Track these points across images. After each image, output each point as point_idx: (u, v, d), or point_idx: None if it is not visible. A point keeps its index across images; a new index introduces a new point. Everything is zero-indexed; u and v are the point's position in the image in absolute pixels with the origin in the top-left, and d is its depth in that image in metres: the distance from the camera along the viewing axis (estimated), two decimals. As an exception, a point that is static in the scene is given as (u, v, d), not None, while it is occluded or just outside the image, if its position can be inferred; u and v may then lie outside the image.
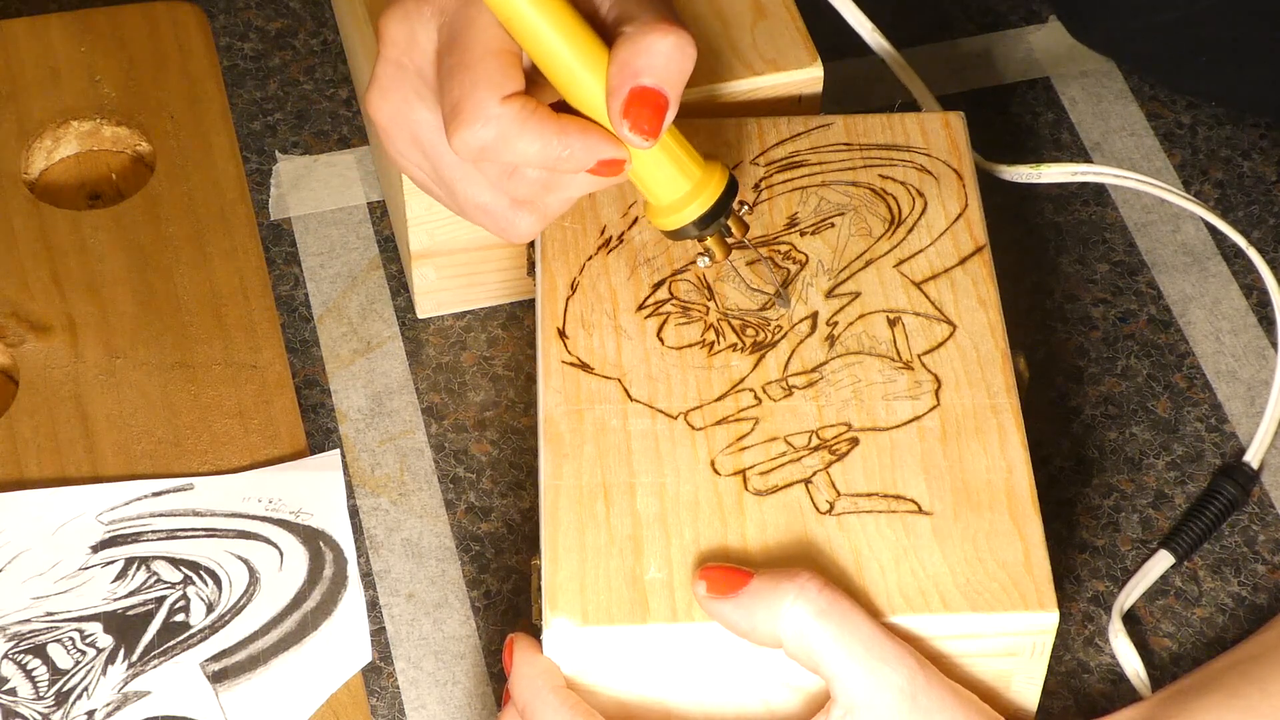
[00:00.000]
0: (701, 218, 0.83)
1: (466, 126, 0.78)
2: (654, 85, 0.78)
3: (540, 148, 0.79)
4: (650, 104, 0.78)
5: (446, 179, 0.83)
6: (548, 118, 0.79)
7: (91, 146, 1.04)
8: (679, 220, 0.83)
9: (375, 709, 0.87)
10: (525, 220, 0.83)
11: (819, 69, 0.95)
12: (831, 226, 0.89)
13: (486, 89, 0.78)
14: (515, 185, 0.81)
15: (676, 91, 0.79)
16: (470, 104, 0.78)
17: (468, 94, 0.78)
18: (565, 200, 0.83)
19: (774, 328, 0.86)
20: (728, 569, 0.78)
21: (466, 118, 0.78)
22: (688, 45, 0.78)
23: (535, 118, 0.79)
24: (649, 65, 0.78)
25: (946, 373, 0.85)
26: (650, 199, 0.83)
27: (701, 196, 0.83)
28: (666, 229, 0.84)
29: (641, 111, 0.78)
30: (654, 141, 0.79)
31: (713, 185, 0.83)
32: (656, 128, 0.78)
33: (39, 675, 0.86)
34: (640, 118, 0.78)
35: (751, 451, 0.83)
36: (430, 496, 0.93)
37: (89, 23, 1.07)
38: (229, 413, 0.94)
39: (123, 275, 0.98)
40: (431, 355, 0.98)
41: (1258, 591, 0.91)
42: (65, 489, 0.92)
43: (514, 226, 0.83)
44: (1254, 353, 0.98)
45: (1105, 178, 1.02)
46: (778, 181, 0.91)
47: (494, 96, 0.78)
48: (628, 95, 0.78)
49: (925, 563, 0.80)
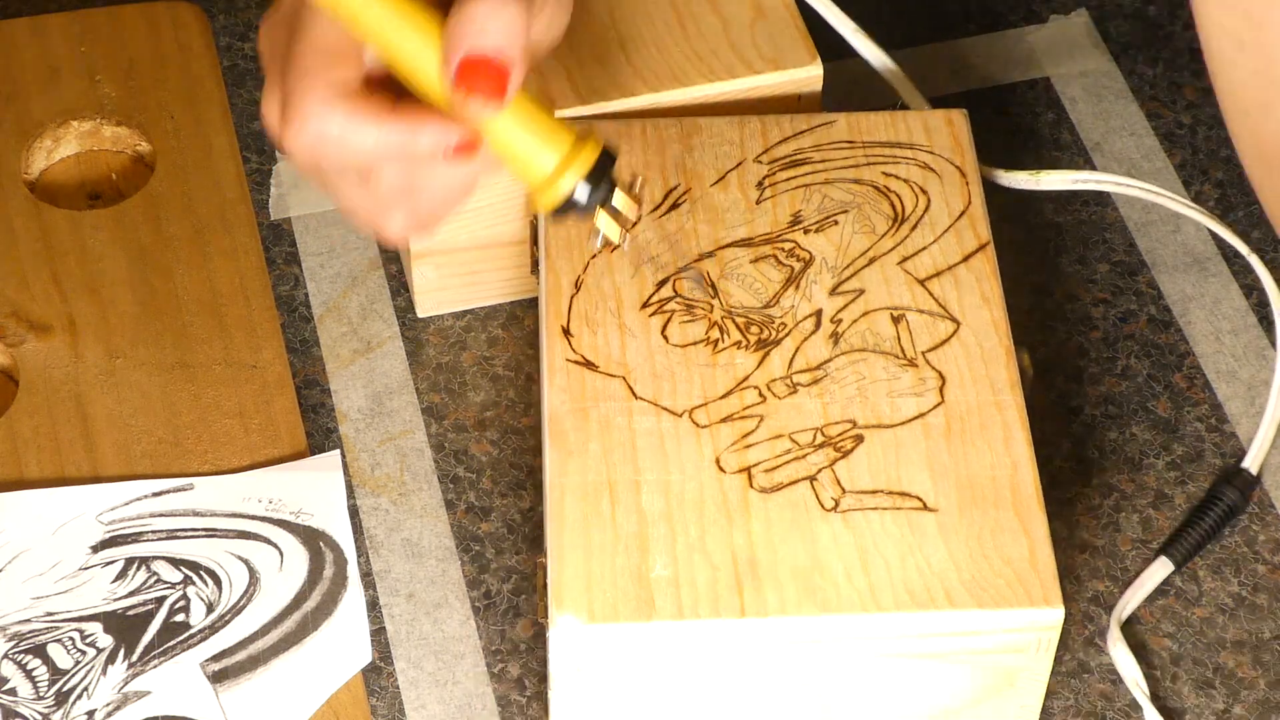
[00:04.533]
0: (575, 189, 0.77)
1: (290, 129, 0.75)
2: (486, 51, 0.74)
3: (376, 137, 0.75)
4: (484, 71, 0.74)
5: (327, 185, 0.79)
6: (381, 107, 0.75)
7: (91, 146, 1.04)
8: (552, 197, 0.78)
9: (375, 709, 0.87)
10: (396, 220, 0.79)
11: (819, 68, 0.95)
12: (835, 224, 0.89)
13: (309, 87, 0.75)
14: (375, 188, 0.78)
15: (514, 54, 0.74)
16: (293, 106, 0.75)
17: (292, 90, 0.75)
18: (439, 199, 0.78)
19: (778, 325, 0.86)
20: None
21: (290, 120, 0.75)
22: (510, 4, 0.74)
23: (365, 109, 0.75)
24: (476, 30, 0.74)
25: (950, 370, 0.85)
26: (522, 180, 0.78)
27: (573, 167, 0.77)
28: (546, 209, 0.78)
29: (476, 79, 0.74)
30: (498, 106, 0.74)
31: (583, 157, 0.77)
32: (497, 91, 0.74)
33: (39, 675, 0.86)
34: (476, 86, 0.74)
35: (756, 449, 0.83)
36: (430, 496, 0.93)
37: (89, 23, 1.07)
38: (229, 413, 0.94)
39: (123, 275, 0.98)
40: (431, 355, 0.98)
41: (1258, 591, 0.91)
42: (65, 489, 0.92)
43: (386, 227, 0.79)
44: (1254, 353, 0.98)
45: (1105, 185, 1.02)
46: (781, 179, 0.91)
47: (320, 93, 0.74)
48: (459, 65, 0.74)
49: (931, 559, 0.80)
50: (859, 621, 0.79)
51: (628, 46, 0.95)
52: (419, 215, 0.79)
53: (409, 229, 0.79)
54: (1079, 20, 1.11)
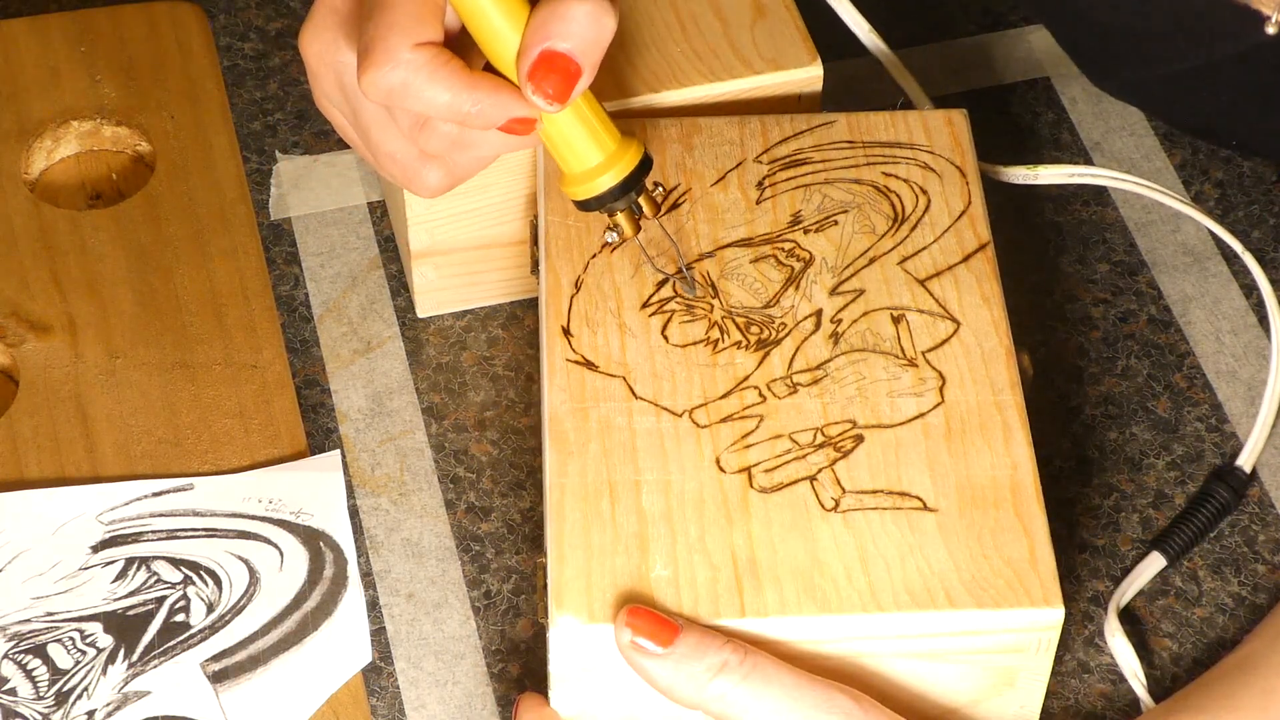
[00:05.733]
0: (610, 190, 0.83)
1: (375, 68, 0.78)
2: (565, 50, 0.78)
3: (449, 99, 0.79)
4: (559, 69, 0.78)
5: (363, 123, 0.83)
6: (459, 70, 0.79)
7: (91, 146, 1.04)
8: (588, 191, 0.84)
9: (375, 709, 0.87)
10: (434, 174, 0.83)
11: (819, 68, 0.95)
12: (835, 224, 0.89)
13: (400, 34, 0.78)
14: (426, 138, 0.81)
15: (590, 59, 0.78)
16: (381, 46, 0.78)
17: (381, 36, 0.78)
18: (477, 159, 0.83)
19: (778, 325, 0.86)
20: (656, 618, 0.77)
21: (376, 59, 0.78)
22: (605, 14, 0.78)
23: (446, 69, 0.78)
24: (563, 30, 0.78)
25: (950, 369, 0.85)
26: (562, 166, 0.84)
27: (614, 169, 0.83)
28: (575, 198, 0.84)
29: (549, 76, 0.78)
30: (560, 107, 0.79)
31: (626, 160, 0.83)
32: (564, 93, 0.78)
33: (39, 675, 0.86)
34: (547, 81, 0.78)
35: (756, 449, 0.83)
36: (430, 496, 0.93)
37: (89, 23, 1.07)
38: (229, 413, 0.94)
39: (123, 275, 0.98)
40: (431, 355, 0.98)
41: (1258, 591, 0.91)
42: (65, 489, 0.92)
43: (421, 179, 0.83)
44: (1254, 353, 0.98)
45: (1102, 180, 1.02)
46: (781, 179, 0.91)
47: (406, 42, 0.78)
48: (537, 57, 0.78)
49: (931, 559, 0.80)
50: (859, 622, 0.79)
51: (628, 46, 0.95)
52: (454, 173, 0.83)
53: (441, 185, 0.84)
54: (1079, 20, 1.11)
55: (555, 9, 0.78)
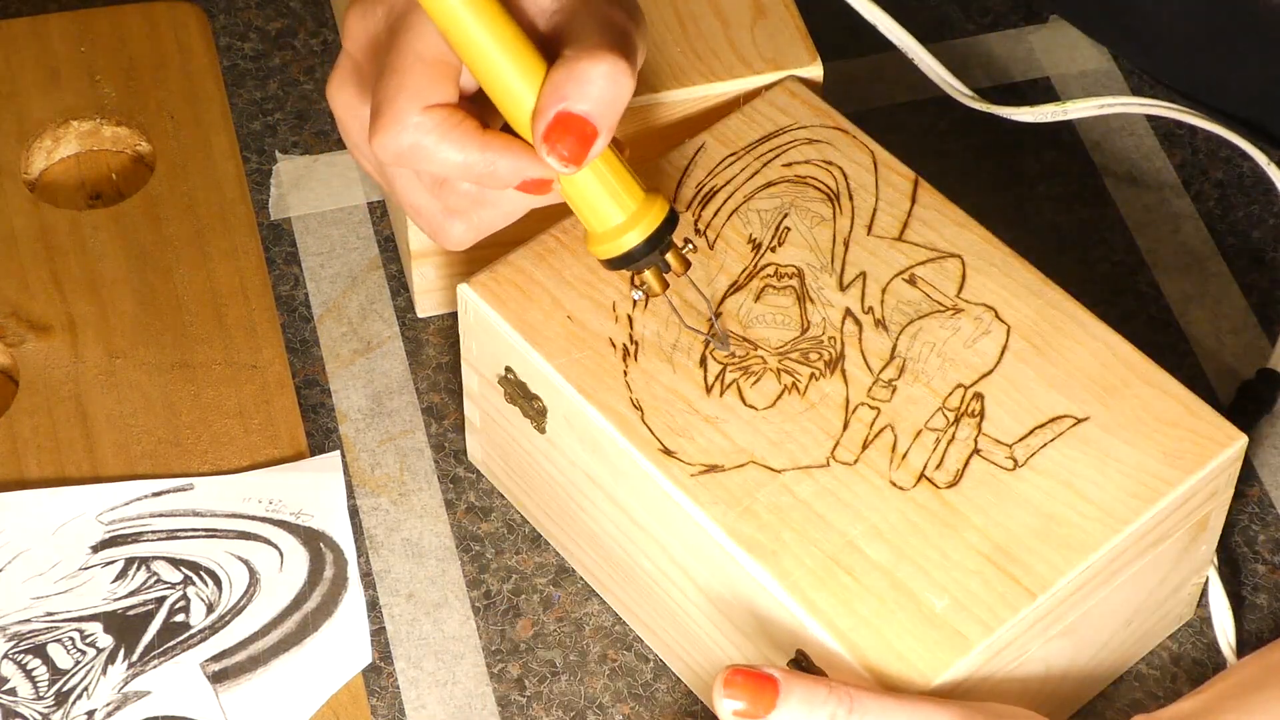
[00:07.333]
0: (636, 249, 0.82)
1: (384, 131, 0.78)
2: (583, 112, 0.77)
3: (462, 159, 0.78)
4: (575, 131, 0.77)
5: (388, 176, 0.82)
6: (472, 131, 0.78)
7: (91, 146, 1.04)
8: (612, 250, 0.82)
9: (375, 709, 0.87)
10: (458, 228, 0.82)
11: (819, 68, 0.95)
12: (789, 230, 0.89)
13: (409, 97, 0.78)
14: (447, 195, 0.81)
15: (608, 121, 0.77)
16: (390, 110, 0.78)
17: (389, 99, 0.78)
18: (501, 215, 0.82)
19: (829, 340, 0.85)
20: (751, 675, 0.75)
21: (384, 123, 0.78)
22: (623, 75, 0.77)
23: (458, 130, 0.78)
24: (580, 92, 0.77)
25: (990, 297, 0.86)
26: (585, 224, 0.82)
27: (638, 227, 0.81)
28: (600, 257, 0.83)
29: (565, 138, 0.77)
30: (576, 169, 0.78)
31: (650, 217, 0.82)
32: (579, 155, 0.77)
33: (39, 675, 0.86)
34: (563, 143, 0.77)
35: (912, 454, 0.82)
36: (430, 496, 0.93)
37: (89, 23, 1.07)
38: (229, 413, 0.94)
39: (123, 275, 0.98)
40: (431, 355, 0.98)
41: (1258, 591, 0.91)
42: (65, 489, 0.92)
43: (446, 232, 0.83)
44: (1254, 353, 0.98)
45: (1134, 108, 1.02)
46: (709, 217, 0.89)
47: (415, 105, 0.77)
48: (553, 119, 0.77)
49: (1122, 459, 0.81)
50: (1114, 547, 0.80)
51: (628, 46, 0.95)
52: (479, 227, 0.82)
53: (466, 238, 0.83)
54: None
55: (573, 70, 0.77)
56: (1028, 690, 0.81)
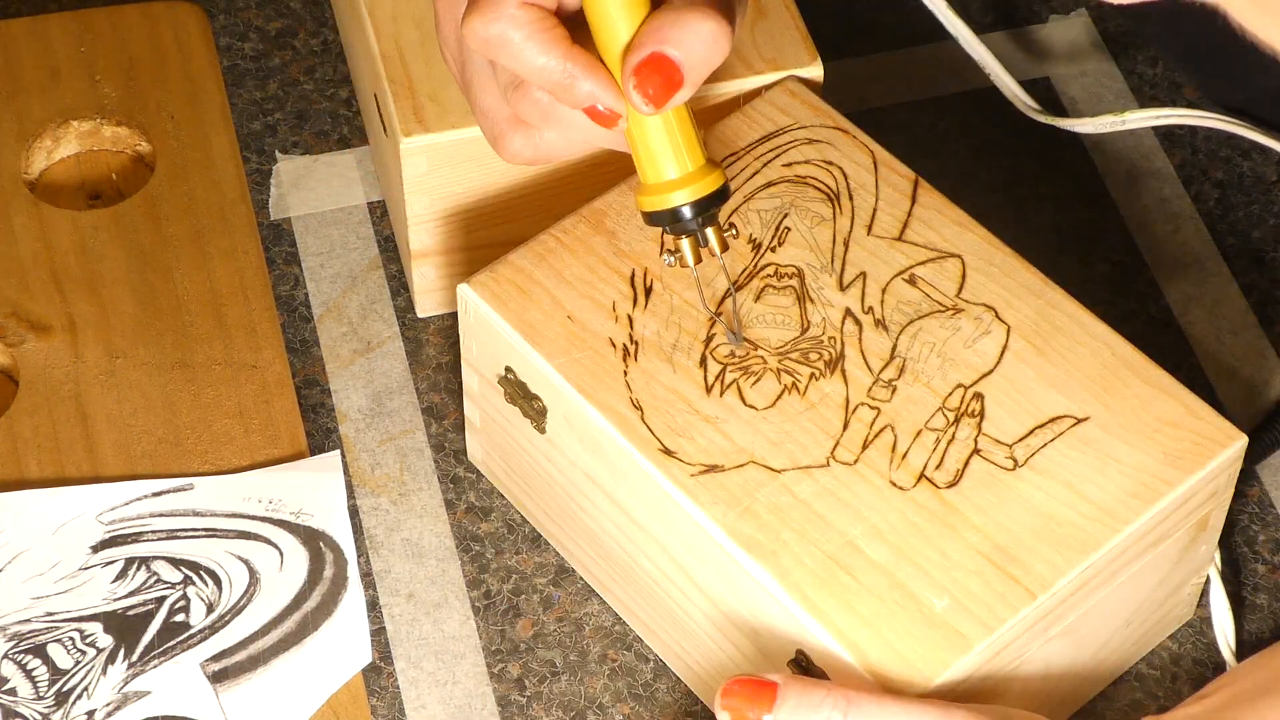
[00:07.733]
0: (680, 208, 0.82)
1: (479, 16, 0.79)
2: (676, 58, 0.78)
3: (544, 62, 0.79)
4: (664, 73, 0.78)
5: (467, 74, 0.84)
6: (559, 38, 0.79)
7: (91, 146, 1.04)
8: (658, 203, 0.82)
9: (375, 709, 0.87)
10: (518, 140, 0.83)
11: (819, 68, 0.95)
12: (789, 230, 0.89)
13: None
14: (518, 100, 0.81)
15: (696, 74, 0.78)
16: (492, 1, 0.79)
17: None
18: (564, 141, 0.82)
19: (829, 340, 0.85)
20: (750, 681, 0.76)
21: (483, 8, 0.79)
22: (723, 38, 0.78)
23: (548, 33, 0.79)
24: (679, 38, 0.78)
25: (989, 296, 0.86)
26: (639, 172, 0.82)
27: (690, 188, 0.82)
28: (644, 209, 0.83)
29: (653, 77, 0.78)
30: (655, 111, 0.79)
31: (704, 183, 0.82)
32: (661, 99, 0.78)
33: (39, 675, 0.86)
34: (649, 82, 0.78)
35: (912, 454, 0.82)
36: (430, 496, 0.93)
37: (89, 23, 1.07)
38: (229, 413, 0.94)
39: (123, 275, 0.98)
40: (431, 355, 0.98)
41: (1258, 591, 0.91)
42: (65, 489, 0.92)
43: (506, 141, 0.83)
44: (1254, 353, 0.98)
45: (1189, 119, 1.02)
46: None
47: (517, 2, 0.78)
48: (646, 57, 0.78)
49: (1122, 459, 0.81)
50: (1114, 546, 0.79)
51: (628, 46, 0.95)
52: (538, 147, 0.83)
53: (524, 154, 0.83)
54: (1079, 20, 1.11)
55: (679, 18, 0.78)
56: (1028, 690, 0.81)
